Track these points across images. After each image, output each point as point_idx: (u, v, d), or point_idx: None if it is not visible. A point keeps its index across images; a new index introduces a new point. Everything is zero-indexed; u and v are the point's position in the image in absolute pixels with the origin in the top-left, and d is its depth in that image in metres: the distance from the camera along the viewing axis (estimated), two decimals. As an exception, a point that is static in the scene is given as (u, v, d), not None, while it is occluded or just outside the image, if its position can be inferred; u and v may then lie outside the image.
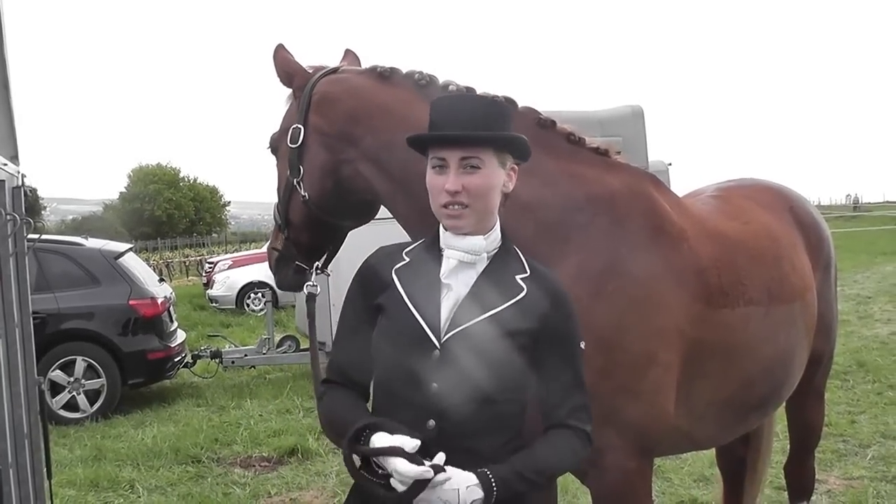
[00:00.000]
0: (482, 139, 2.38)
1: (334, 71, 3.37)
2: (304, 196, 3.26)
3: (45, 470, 4.49)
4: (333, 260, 3.56)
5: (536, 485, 2.35)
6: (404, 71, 3.24)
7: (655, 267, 3.04)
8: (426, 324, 2.37)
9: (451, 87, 3.09)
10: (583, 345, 2.50)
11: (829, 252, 4.13)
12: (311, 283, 3.36)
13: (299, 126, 3.26)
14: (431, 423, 2.33)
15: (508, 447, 2.39)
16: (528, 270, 2.49)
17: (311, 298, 3.37)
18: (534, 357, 2.43)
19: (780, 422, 5.81)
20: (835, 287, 4.23)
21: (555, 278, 2.54)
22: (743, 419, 3.68)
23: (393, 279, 2.48)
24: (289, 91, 3.46)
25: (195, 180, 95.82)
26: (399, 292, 2.45)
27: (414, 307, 2.41)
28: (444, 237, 2.47)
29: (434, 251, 2.50)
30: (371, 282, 2.55)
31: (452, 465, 2.26)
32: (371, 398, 2.57)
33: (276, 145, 3.44)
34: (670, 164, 15.12)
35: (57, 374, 10.72)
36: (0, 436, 3.37)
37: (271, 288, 20.52)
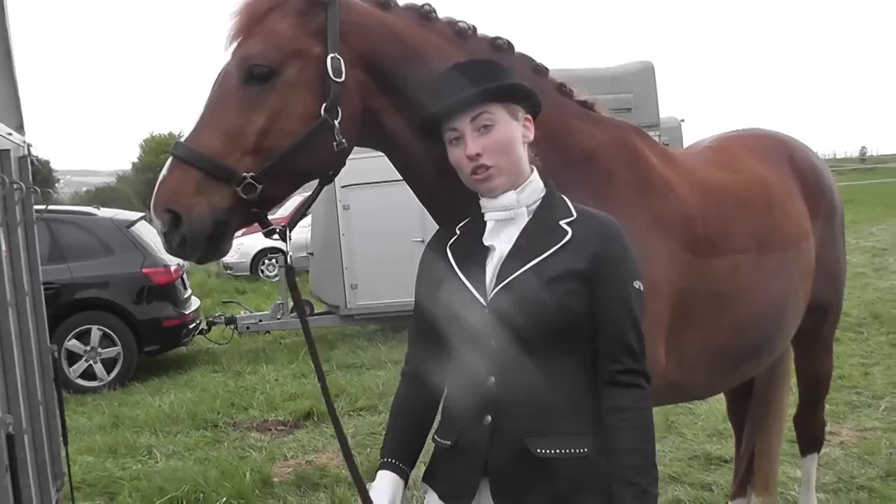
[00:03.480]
0: (479, 95, 2.36)
1: None
2: (342, 143, 2.63)
3: (60, 437, 4.54)
4: (345, 221, 3.35)
5: (656, 474, 2.32)
6: (442, 16, 2.91)
7: (641, 219, 3.01)
8: (473, 287, 2.38)
9: (459, 24, 2.92)
10: (638, 285, 2.40)
11: (832, 200, 4.09)
12: (289, 252, 2.74)
13: (339, 57, 2.64)
14: (492, 380, 2.35)
15: (574, 400, 2.35)
16: (574, 214, 2.44)
17: (291, 272, 2.81)
18: (588, 306, 2.35)
19: (792, 375, 5.83)
20: (841, 236, 4.19)
21: (605, 218, 2.46)
22: (735, 368, 3.67)
23: (447, 254, 2.50)
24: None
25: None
26: (451, 264, 2.47)
27: (463, 274, 2.42)
28: (483, 203, 2.47)
29: (479, 220, 2.49)
30: (431, 264, 2.57)
31: (522, 422, 2.32)
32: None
33: (271, 67, 2.63)
34: (682, 121, 15.07)
35: (73, 344, 10.82)
36: (14, 403, 3.39)
37: (285, 253, 20.63)
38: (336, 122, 2.61)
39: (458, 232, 2.55)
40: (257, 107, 2.61)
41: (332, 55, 2.62)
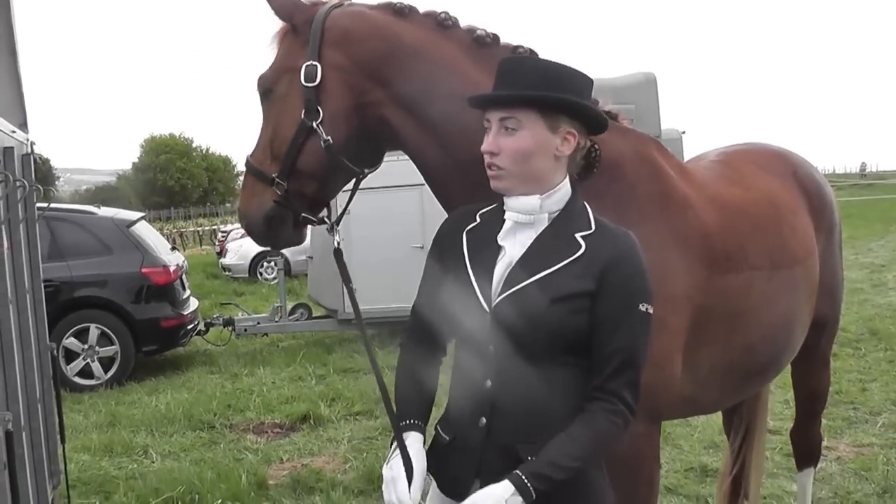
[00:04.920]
0: (513, 98, 2.34)
1: (340, 4, 3.10)
2: (327, 140, 2.92)
3: (58, 434, 4.54)
4: (345, 226, 3.43)
5: (576, 470, 2.25)
6: (422, 10, 3.05)
7: (663, 233, 3.01)
8: (479, 287, 2.37)
9: (478, 32, 2.97)
10: (646, 308, 2.33)
11: (833, 216, 4.10)
12: (337, 238, 2.98)
13: (315, 63, 2.95)
14: (488, 383, 2.36)
15: (569, 411, 2.32)
16: (592, 228, 2.38)
17: (338, 253, 2.98)
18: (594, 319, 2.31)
19: (788, 390, 5.82)
20: (839, 252, 4.21)
21: (621, 235, 2.39)
22: (745, 384, 3.67)
23: (462, 240, 2.48)
24: (278, 29, 3.14)
25: (208, 150, 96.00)
26: (463, 254, 2.45)
27: (472, 270, 2.40)
28: (506, 200, 2.43)
29: (500, 214, 2.46)
30: (444, 240, 2.55)
31: (515, 428, 2.32)
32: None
33: (269, 86, 3.07)
34: (683, 133, 15.06)
35: (71, 342, 10.83)
36: (13, 400, 3.40)
37: (284, 256, 20.62)
38: (315, 124, 2.94)
39: (478, 219, 2.51)
40: (267, 120, 3.09)
41: (305, 63, 2.96)
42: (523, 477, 2.21)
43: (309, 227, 3.22)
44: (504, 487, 2.21)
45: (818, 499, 5.61)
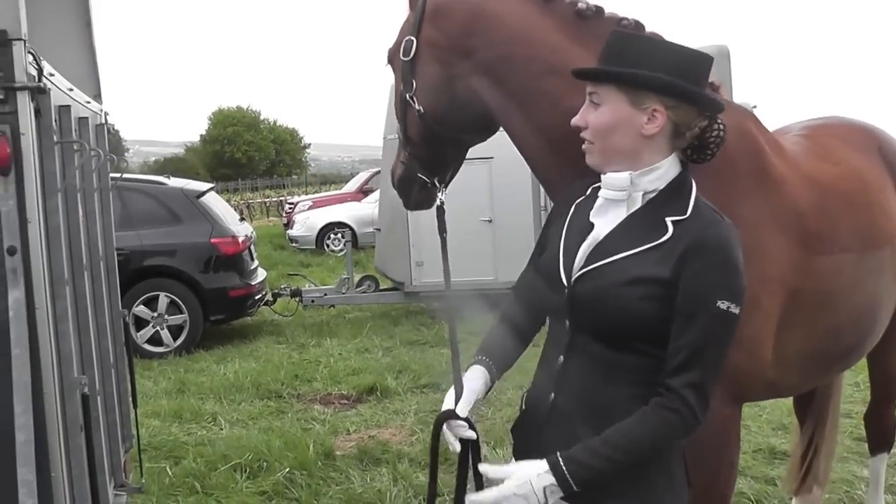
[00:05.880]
0: (590, 73, 2.32)
1: None
2: (420, 110, 3.13)
3: (130, 399, 4.62)
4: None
5: (620, 463, 2.18)
6: None
7: (762, 211, 2.94)
8: (563, 261, 2.35)
9: (579, 5, 2.93)
10: (727, 306, 2.16)
11: None
12: (441, 196, 3.19)
13: (412, 38, 3.13)
14: (561, 359, 2.36)
15: (633, 399, 2.25)
16: (687, 212, 2.25)
17: (440, 211, 3.09)
18: (672, 312, 2.20)
19: (859, 372, 5.69)
20: None
21: (713, 223, 2.24)
22: (827, 369, 3.59)
23: (568, 213, 2.46)
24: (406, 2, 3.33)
25: (275, 122, 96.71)
26: (565, 226, 2.43)
27: (563, 244, 2.39)
28: (602, 177, 2.38)
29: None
30: (557, 210, 2.55)
31: (577, 408, 2.31)
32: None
33: (391, 58, 3.31)
34: (755, 107, 14.79)
35: (141, 310, 10.98)
36: (87, 365, 3.45)
37: (351, 228, 20.72)
38: (409, 95, 3.15)
39: (588, 192, 2.46)
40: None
41: (405, 38, 3.16)
42: (559, 458, 2.19)
43: (377, 196, 3.36)
44: (538, 465, 2.21)
45: (891, 485, 5.48)
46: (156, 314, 11.06)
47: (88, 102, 4.12)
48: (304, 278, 15.04)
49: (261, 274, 12.67)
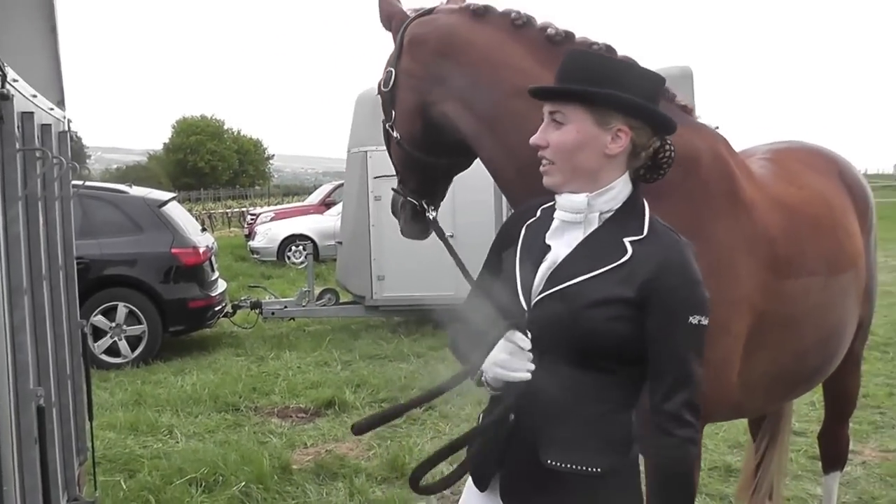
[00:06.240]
0: (555, 92, 2.30)
1: (430, 11, 3.29)
2: (397, 137, 3.29)
3: (86, 411, 4.57)
4: (376, 212, 3.63)
5: None
6: (500, 9, 3.12)
7: (734, 234, 2.97)
8: (521, 285, 2.33)
9: (549, 31, 2.98)
10: (698, 320, 2.19)
11: (874, 218, 4.06)
12: (432, 214, 3.42)
13: (391, 69, 3.26)
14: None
15: (599, 418, 2.27)
16: (644, 232, 2.26)
17: (434, 223, 3.43)
18: (641, 331, 2.21)
19: (817, 392, 5.74)
20: (875, 252, 4.16)
21: (672, 244, 2.26)
22: (792, 391, 3.63)
23: (520, 235, 2.43)
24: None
25: (239, 132, 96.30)
26: (518, 249, 2.41)
27: (519, 266, 2.36)
28: (557, 198, 2.37)
29: (553, 212, 2.41)
30: (506, 233, 2.52)
31: (540, 426, 2.28)
32: None
33: (378, 91, 3.40)
34: (717, 127, 14.93)
35: (99, 319, 10.87)
36: (44, 376, 3.41)
37: (312, 241, 20.62)
38: (388, 125, 3.31)
39: (538, 214, 2.45)
40: None
41: (386, 69, 3.30)
42: None
43: (339, 209, 3.42)
44: None
45: (843, 503, 5.55)
46: (114, 324, 10.95)
47: (52, 109, 4.08)
48: (265, 290, 14.96)
49: (221, 285, 12.59)
